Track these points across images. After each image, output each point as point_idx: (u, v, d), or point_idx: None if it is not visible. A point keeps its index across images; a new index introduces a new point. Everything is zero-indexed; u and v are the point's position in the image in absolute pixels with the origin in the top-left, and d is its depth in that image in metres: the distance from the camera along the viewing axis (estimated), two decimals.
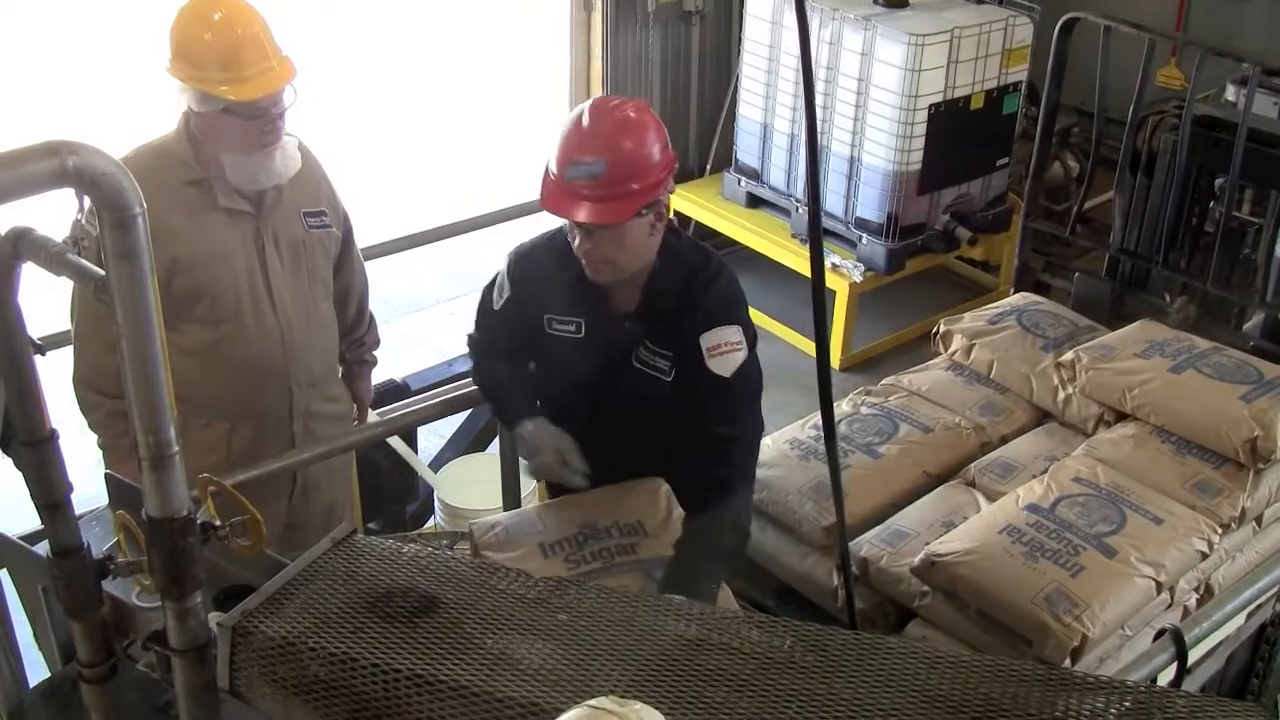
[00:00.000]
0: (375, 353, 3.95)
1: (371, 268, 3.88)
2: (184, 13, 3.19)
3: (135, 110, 4.15)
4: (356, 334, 3.84)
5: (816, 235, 2.31)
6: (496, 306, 3.19)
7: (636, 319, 3.06)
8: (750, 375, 3.03)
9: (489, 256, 2.87)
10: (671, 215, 3.06)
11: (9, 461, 2.09)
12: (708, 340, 2.95)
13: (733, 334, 2.98)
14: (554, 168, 2.88)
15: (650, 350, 3.06)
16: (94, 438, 3.45)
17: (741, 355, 2.98)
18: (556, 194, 2.88)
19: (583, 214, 2.85)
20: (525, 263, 3.16)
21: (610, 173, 2.80)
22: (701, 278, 3.04)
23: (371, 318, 3.88)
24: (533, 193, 2.98)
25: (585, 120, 2.86)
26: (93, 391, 3.35)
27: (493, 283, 3.22)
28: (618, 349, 3.08)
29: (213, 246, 3.29)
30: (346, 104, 8.77)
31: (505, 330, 3.21)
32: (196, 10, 3.19)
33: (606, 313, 3.07)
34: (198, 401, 3.32)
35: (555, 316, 3.11)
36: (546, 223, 3.16)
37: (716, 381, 2.96)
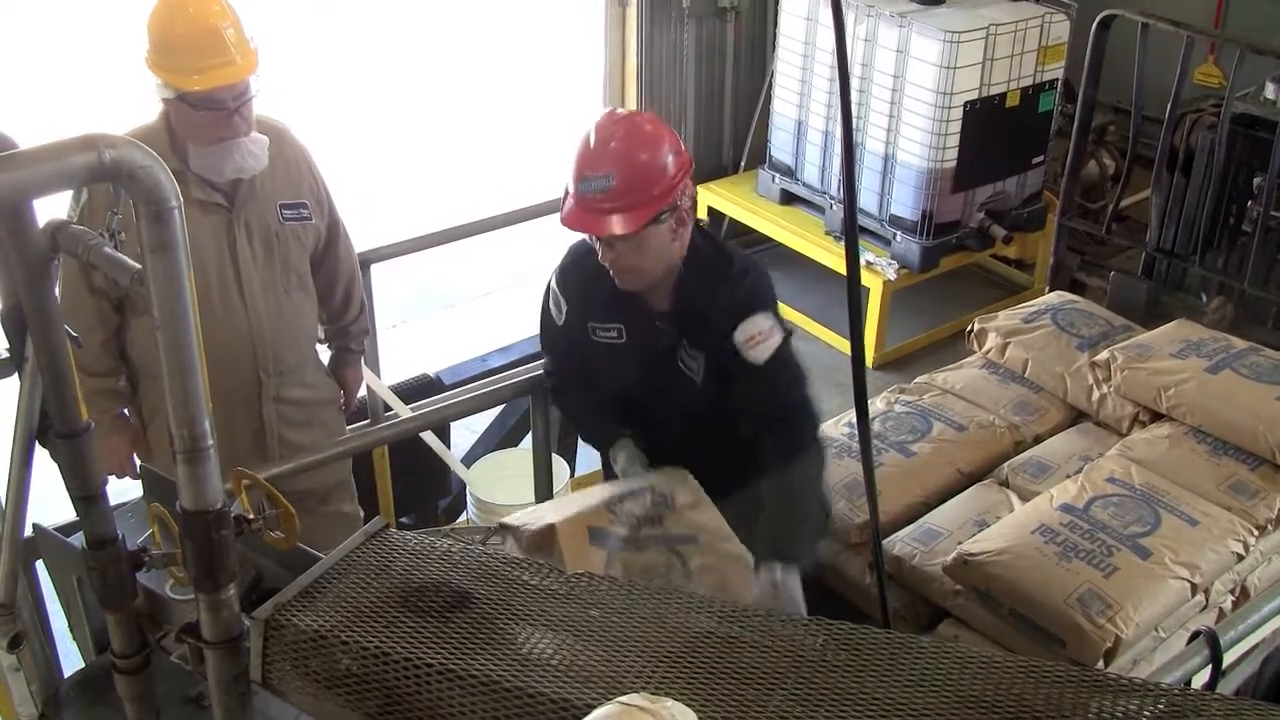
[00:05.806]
0: (365, 341, 4.02)
1: (405, 263, 3.89)
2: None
3: (120, 102, 4.16)
4: (342, 322, 3.91)
5: (852, 233, 2.30)
6: (561, 323, 3.24)
7: (669, 320, 3.10)
8: (788, 360, 3.05)
9: (522, 252, 2.86)
10: (704, 216, 3.07)
11: (45, 453, 2.10)
12: (741, 334, 2.98)
13: (764, 321, 3.00)
14: (570, 185, 2.94)
15: (688, 351, 3.09)
16: None
17: (776, 341, 3.01)
18: (574, 211, 2.95)
19: (599, 227, 2.92)
20: (569, 274, 3.21)
21: (621, 183, 2.86)
22: (727, 276, 3.05)
23: (362, 306, 3.94)
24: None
25: (593, 136, 2.91)
26: None
27: (547, 303, 3.28)
28: (658, 351, 3.12)
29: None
30: (384, 100, 8.80)
31: (573, 346, 3.26)
32: None
33: (642, 316, 3.12)
34: None
35: (598, 324, 3.17)
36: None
37: (753, 370, 2.99)
